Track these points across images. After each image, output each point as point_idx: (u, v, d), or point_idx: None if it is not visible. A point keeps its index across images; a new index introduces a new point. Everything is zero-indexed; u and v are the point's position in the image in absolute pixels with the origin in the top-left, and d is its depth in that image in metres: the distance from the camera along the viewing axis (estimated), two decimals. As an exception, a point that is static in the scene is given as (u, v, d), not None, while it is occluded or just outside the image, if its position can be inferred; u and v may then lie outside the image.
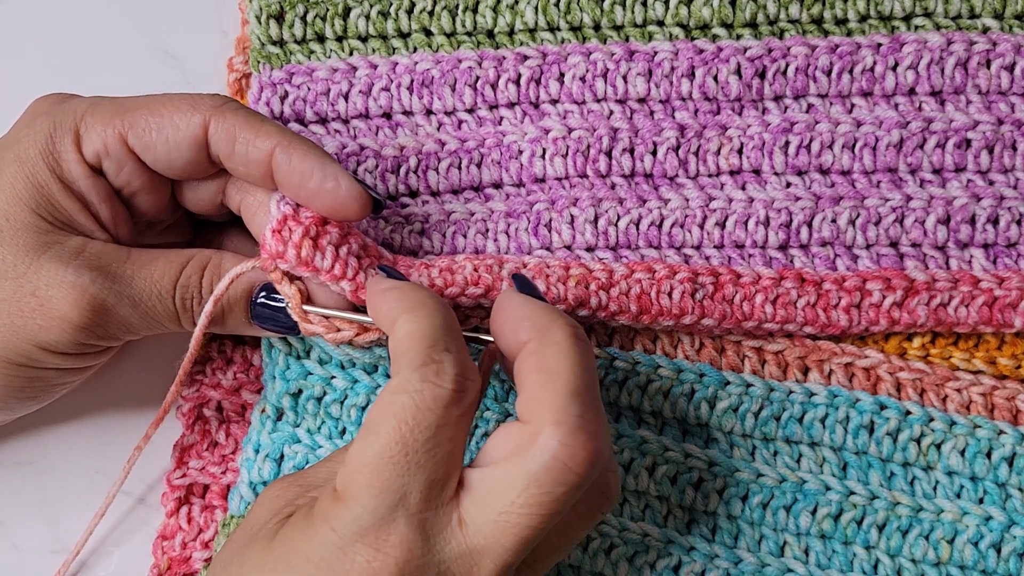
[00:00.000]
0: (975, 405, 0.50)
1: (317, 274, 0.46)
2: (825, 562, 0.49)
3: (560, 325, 0.42)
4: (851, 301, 0.51)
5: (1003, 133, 0.52)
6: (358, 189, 0.46)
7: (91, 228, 0.47)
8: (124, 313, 0.46)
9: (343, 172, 0.46)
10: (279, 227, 0.46)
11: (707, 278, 0.51)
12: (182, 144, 0.46)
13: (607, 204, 0.52)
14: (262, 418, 0.51)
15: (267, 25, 0.54)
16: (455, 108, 0.54)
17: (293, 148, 0.45)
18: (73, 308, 0.45)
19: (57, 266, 0.45)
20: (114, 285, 0.45)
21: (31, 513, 0.54)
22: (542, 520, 0.39)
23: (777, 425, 0.51)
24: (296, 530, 0.41)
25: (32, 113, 0.48)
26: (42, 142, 0.46)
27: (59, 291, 0.45)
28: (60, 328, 0.45)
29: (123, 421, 0.55)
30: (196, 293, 0.47)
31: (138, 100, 0.46)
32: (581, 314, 0.50)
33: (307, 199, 0.46)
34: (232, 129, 0.45)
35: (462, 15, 0.54)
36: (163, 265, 0.47)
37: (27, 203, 0.45)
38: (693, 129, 0.53)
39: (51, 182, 0.46)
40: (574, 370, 0.41)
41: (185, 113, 0.45)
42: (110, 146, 0.46)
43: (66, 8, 0.59)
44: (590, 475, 0.40)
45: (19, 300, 0.45)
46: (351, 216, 0.46)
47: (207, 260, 0.47)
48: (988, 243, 0.52)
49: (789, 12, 0.53)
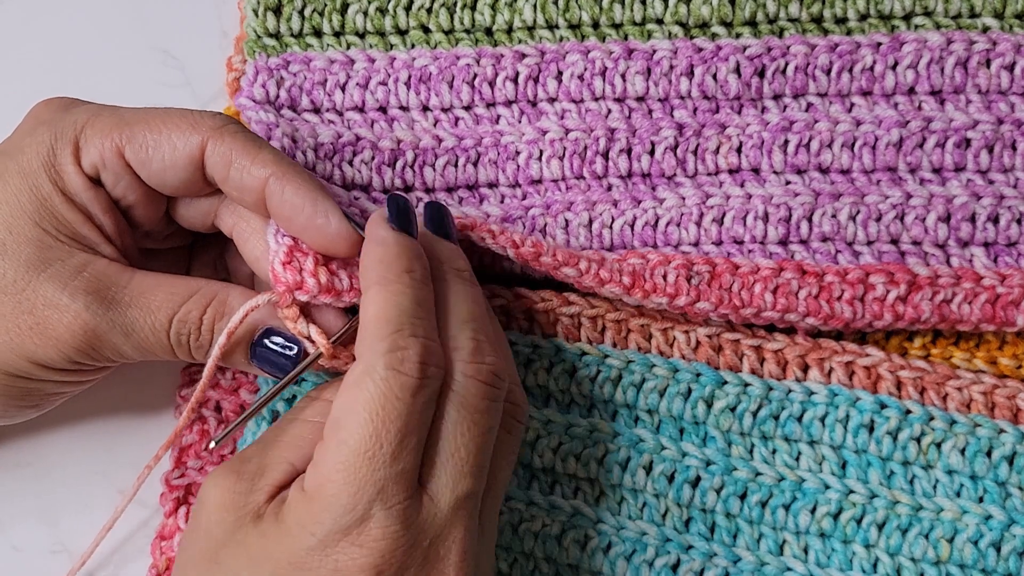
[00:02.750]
0: (975, 404, 0.50)
1: (339, 298, 0.46)
2: (824, 561, 0.49)
3: (403, 281, 0.43)
4: (854, 294, 0.51)
5: (1003, 133, 0.52)
6: (347, 228, 0.45)
7: (96, 240, 0.46)
8: (116, 341, 0.45)
9: (334, 209, 0.45)
10: (288, 259, 0.45)
11: (703, 266, 0.51)
12: (178, 163, 0.45)
13: (601, 207, 0.52)
14: (257, 420, 0.51)
15: (264, 18, 0.54)
16: (452, 105, 0.54)
17: (287, 180, 0.45)
18: (66, 331, 0.44)
19: (55, 286, 0.44)
20: (108, 312, 0.45)
21: (30, 514, 0.54)
22: (482, 439, 0.42)
23: (776, 424, 0.50)
24: (271, 538, 0.41)
25: (34, 120, 0.47)
26: (44, 153, 0.45)
27: (54, 313, 0.44)
28: (54, 348, 0.45)
29: (123, 422, 0.55)
30: (194, 329, 0.46)
31: (139, 113, 0.46)
32: (568, 272, 0.49)
33: (297, 232, 0.46)
34: (229, 153, 0.45)
35: (460, 12, 0.54)
36: (162, 296, 0.46)
37: (31, 216, 0.45)
38: (692, 128, 0.53)
39: (54, 194, 0.45)
40: (465, 306, 0.44)
41: (184, 132, 0.45)
42: (107, 158, 0.45)
43: (66, 8, 0.59)
44: (503, 385, 0.44)
45: (17, 317, 0.44)
46: (339, 254, 0.46)
47: (212, 296, 0.46)
48: (988, 242, 0.52)
49: (789, 11, 0.53)
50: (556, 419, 0.51)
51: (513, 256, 0.49)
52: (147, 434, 0.54)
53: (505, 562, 0.50)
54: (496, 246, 0.49)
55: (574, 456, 0.50)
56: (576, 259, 0.50)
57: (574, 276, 0.49)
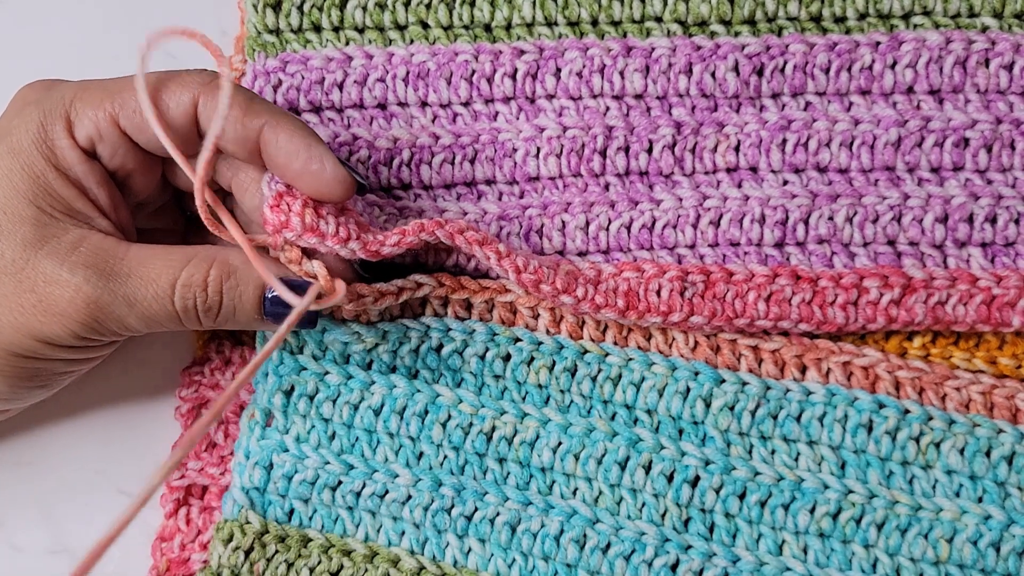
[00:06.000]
0: (974, 404, 0.50)
1: (323, 240, 0.46)
2: (824, 561, 0.49)
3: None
4: (848, 298, 0.51)
5: (1001, 132, 0.52)
6: (342, 172, 0.46)
7: (91, 215, 0.46)
8: (120, 312, 0.45)
9: (328, 154, 0.46)
10: (276, 202, 0.46)
11: (697, 276, 0.51)
12: (174, 123, 0.45)
13: (598, 209, 0.52)
14: (250, 424, 0.51)
15: (264, 14, 0.54)
16: (450, 101, 0.53)
17: (280, 128, 0.45)
18: (69, 305, 0.44)
19: (53, 262, 0.45)
20: (109, 283, 0.45)
21: (30, 513, 0.54)
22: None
23: (774, 424, 0.50)
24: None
25: (20, 102, 0.47)
26: (34, 131, 0.45)
27: (55, 288, 0.44)
28: (59, 324, 0.45)
29: (123, 421, 0.55)
30: (199, 292, 0.46)
31: (125, 81, 0.46)
32: (566, 301, 0.50)
33: (292, 179, 0.46)
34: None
35: (459, 8, 0.54)
36: (161, 264, 0.46)
37: (25, 195, 0.45)
38: (690, 126, 0.52)
39: (47, 171, 0.45)
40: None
41: (174, 92, 0.45)
42: (103, 129, 0.46)
43: (66, 8, 0.60)
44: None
45: (19, 295, 0.45)
46: (334, 198, 0.47)
47: (212, 258, 0.46)
48: (986, 242, 0.52)
49: (788, 9, 0.53)
50: (555, 419, 0.50)
51: (514, 280, 0.50)
52: (147, 434, 0.54)
53: (504, 562, 0.50)
54: (499, 268, 0.49)
55: (573, 456, 0.50)
56: (574, 286, 0.50)
57: (571, 304, 0.50)
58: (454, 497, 0.50)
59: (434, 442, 0.51)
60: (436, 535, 0.50)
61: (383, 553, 0.50)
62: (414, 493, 0.50)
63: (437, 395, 0.51)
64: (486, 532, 0.50)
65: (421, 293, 0.50)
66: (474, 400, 0.51)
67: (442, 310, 0.52)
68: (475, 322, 0.51)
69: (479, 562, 0.50)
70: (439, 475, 0.50)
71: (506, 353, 0.51)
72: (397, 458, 0.51)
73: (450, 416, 0.51)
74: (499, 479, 0.50)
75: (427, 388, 0.51)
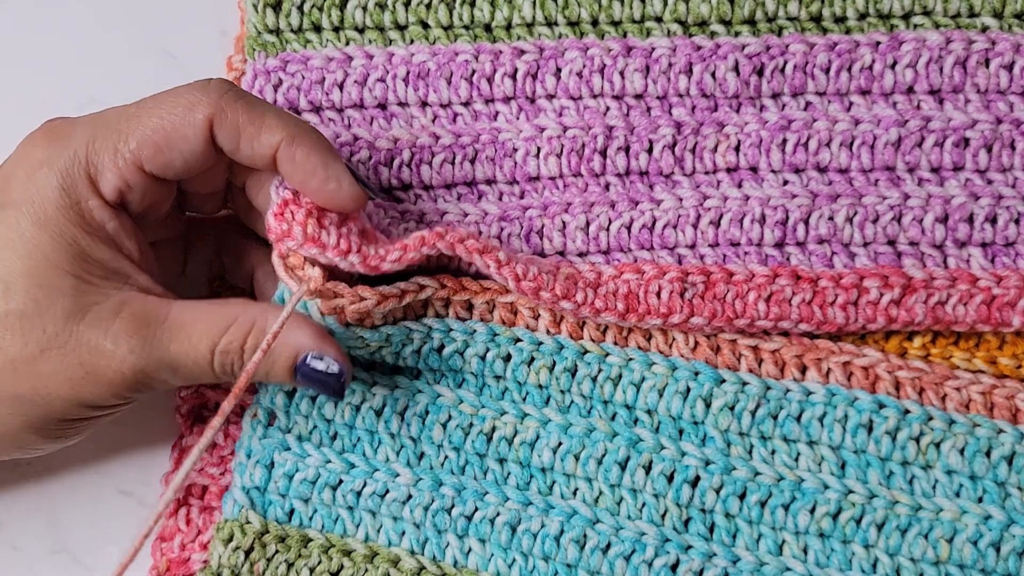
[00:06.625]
0: (974, 404, 0.50)
1: (324, 251, 0.46)
2: (824, 561, 0.49)
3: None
4: (848, 298, 0.51)
5: (1001, 132, 0.52)
6: (358, 190, 0.46)
7: (128, 272, 0.46)
8: (164, 376, 0.46)
9: (344, 172, 0.46)
10: (280, 210, 0.46)
11: (697, 277, 0.51)
12: (196, 151, 0.45)
13: (598, 209, 0.52)
14: (253, 423, 0.51)
15: (264, 14, 0.54)
16: (451, 101, 0.53)
17: (298, 144, 0.45)
18: (115, 375, 0.45)
19: (97, 333, 0.44)
20: (152, 352, 0.45)
21: (30, 513, 0.54)
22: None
23: (774, 424, 0.50)
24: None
25: (28, 164, 0.45)
26: (56, 198, 0.44)
27: (101, 360, 0.44)
28: (107, 391, 0.45)
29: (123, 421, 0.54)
30: (237, 359, 0.46)
31: (132, 119, 0.45)
32: (566, 307, 0.50)
33: (309, 194, 0.46)
34: (236, 126, 0.45)
35: (459, 8, 0.54)
36: (202, 329, 0.45)
37: (60, 266, 0.44)
38: (690, 126, 0.52)
39: (80, 237, 0.45)
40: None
41: (189, 121, 0.45)
42: (129, 178, 0.45)
43: (66, 8, 0.59)
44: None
45: (68, 370, 0.44)
46: (345, 211, 0.47)
47: (251, 324, 0.46)
48: (986, 242, 0.52)
49: (788, 9, 0.53)
50: (555, 419, 0.50)
51: (514, 288, 0.50)
52: (147, 434, 0.54)
53: (504, 562, 0.50)
54: (498, 276, 0.49)
55: (573, 456, 0.50)
56: (573, 291, 0.50)
57: (571, 309, 0.50)
58: (454, 497, 0.50)
59: (435, 442, 0.51)
60: (436, 535, 0.50)
61: (383, 553, 0.50)
62: (415, 493, 0.50)
63: (438, 395, 0.51)
64: (486, 532, 0.50)
65: (423, 295, 0.50)
66: (474, 400, 0.51)
67: (444, 311, 0.52)
68: (476, 322, 0.51)
69: (479, 562, 0.50)
70: (440, 475, 0.50)
71: (507, 353, 0.51)
72: (398, 458, 0.51)
73: (451, 416, 0.51)
74: (499, 479, 0.50)
75: (428, 389, 0.51)
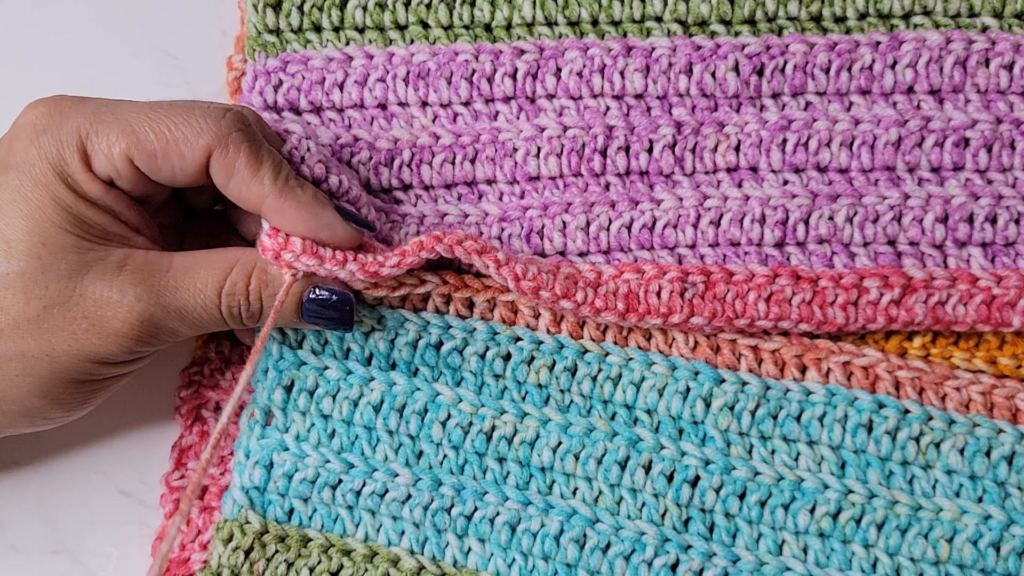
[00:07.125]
0: (974, 404, 0.50)
1: (322, 263, 0.47)
2: (824, 561, 0.49)
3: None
4: (848, 298, 0.51)
5: (1001, 132, 0.52)
6: (351, 232, 0.48)
7: (127, 234, 0.47)
8: (173, 324, 0.47)
9: (336, 219, 0.47)
10: (274, 233, 0.47)
11: (698, 277, 0.51)
12: (187, 169, 0.46)
13: (599, 209, 0.52)
14: (250, 423, 0.51)
15: (264, 14, 0.54)
16: (451, 101, 0.53)
17: (285, 200, 0.46)
18: (124, 324, 0.45)
19: (101, 285, 0.45)
20: (160, 299, 0.46)
21: (30, 513, 0.54)
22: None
23: (774, 423, 0.50)
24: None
25: (31, 129, 0.46)
26: (54, 163, 0.45)
27: (108, 311, 0.45)
28: (115, 343, 0.46)
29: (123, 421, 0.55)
30: (243, 300, 0.47)
31: (142, 117, 0.46)
32: (566, 306, 0.50)
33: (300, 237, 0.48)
34: (231, 167, 0.46)
35: (459, 8, 0.54)
36: (205, 273, 0.47)
37: (60, 225, 0.45)
38: (690, 126, 0.52)
39: (77, 202, 0.46)
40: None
41: (191, 143, 0.46)
42: (119, 167, 0.46)
43: (66, 8, 0.59)
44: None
45: (71, 324, 0.45)
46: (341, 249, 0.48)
47: (252, 266, 0.48)
48: (986, 242, 0.52)
49: (788, 9, 0.53)
50: (555, 418, 0.50)
51: (513, 288, 0.50)
52: (147, 434, 0.55)
53: (504, 562, 0.50)
54: (498, 276, 0.49)
55: (573, 455, 0.50)
56: (573, 291, 0.50)
57: (571, 308, 0.50)
58: (454, 497, 0.50)
59: (434, 441, 0.51)
60: (436, 535, 0.50)
61: (383, 553, 0.50)
62: (414, 492, 0.50)
63: (437, 394, 0.51)
64: (486, 532, 0.50)
65: (424, 289, 0.51)
66: (474, 399, 0.51)
67: (444, 307, 0.52)
68: (476, 320, 0.51)
69: (479, 562, 0.50)
70: (439, 474, 0.50)
71: (506, 352, 0.51)
72: (397, 457, 0.51)
73: (450, 415, 0.51)
74: (499, 479, 0.50)
75: (427, 386, 0.51)
